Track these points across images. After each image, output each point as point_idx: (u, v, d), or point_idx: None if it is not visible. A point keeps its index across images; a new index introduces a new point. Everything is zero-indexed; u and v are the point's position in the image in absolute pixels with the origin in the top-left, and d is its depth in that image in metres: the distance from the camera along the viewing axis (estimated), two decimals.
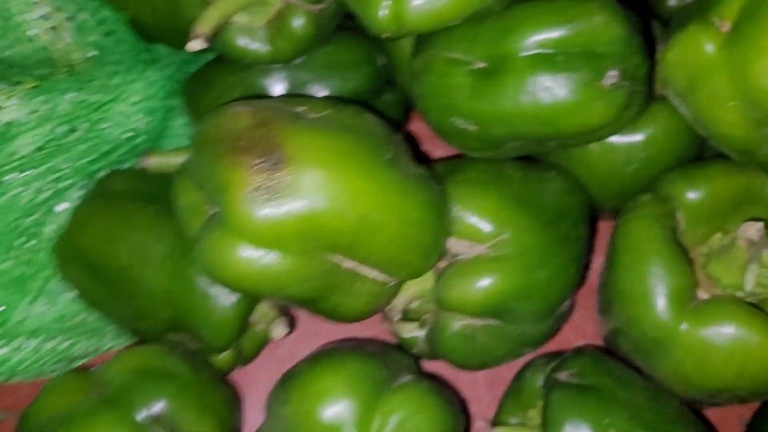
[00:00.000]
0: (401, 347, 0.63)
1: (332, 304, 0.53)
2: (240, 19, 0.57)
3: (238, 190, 0.46)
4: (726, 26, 0.47)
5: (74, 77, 0.65)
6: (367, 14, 0.49)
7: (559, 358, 0.59)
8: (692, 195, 0.56)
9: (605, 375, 0.56)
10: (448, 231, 0.55)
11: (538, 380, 0.59)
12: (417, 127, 0.73)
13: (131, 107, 0.68)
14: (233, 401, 0.65)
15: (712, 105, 0.49)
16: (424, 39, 0.56)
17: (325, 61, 0.62)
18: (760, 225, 0.51)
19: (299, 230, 0.47)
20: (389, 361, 0.58)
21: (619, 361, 0.58)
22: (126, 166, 0.69)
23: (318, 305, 0.54)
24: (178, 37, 0.58)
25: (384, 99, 0.66)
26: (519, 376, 0.62)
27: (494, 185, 0.57)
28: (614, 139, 0.58)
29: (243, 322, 0.60)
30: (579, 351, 0.60)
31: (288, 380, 0.57)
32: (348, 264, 0.51)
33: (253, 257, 0.48)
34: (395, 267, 0.53)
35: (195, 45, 0.51)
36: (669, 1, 0.65)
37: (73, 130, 0.66)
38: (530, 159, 0.62)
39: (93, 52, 0.69)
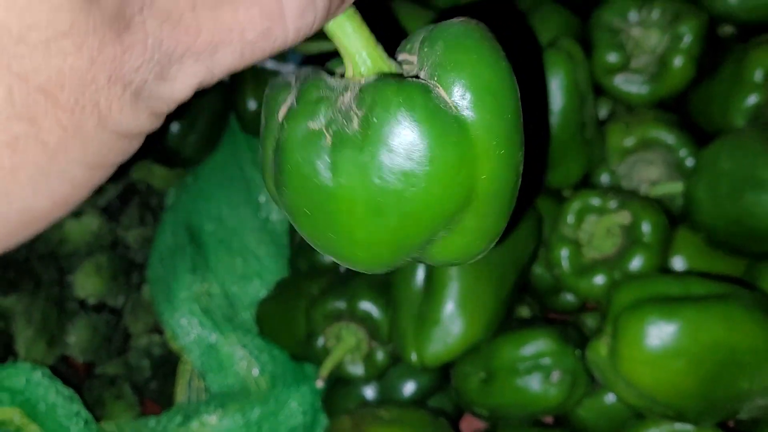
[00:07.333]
0: None
1: None
2: (348, 357, 0.98)
3: None
4: (607, 339, 0.80)
5: (257, 397, 1.08)
6: (404, 357, 0.88)
7: None
8: None
9: None
10: None
11: None
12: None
13: (292, 410, 1.09)
14: None
15: (613, 386, 0.81)
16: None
17: (399, 374, 1.00)
18: None
19: None
20: None
21: None
22: None
23: None
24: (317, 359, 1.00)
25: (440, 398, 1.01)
26: None
27: None
28: None
29: None
30: None
31: None
32: None
33: None
34: None
35: (319, 383, 0.92)
36: None
37: None
38: None
39: (269, 378, 1.13)
